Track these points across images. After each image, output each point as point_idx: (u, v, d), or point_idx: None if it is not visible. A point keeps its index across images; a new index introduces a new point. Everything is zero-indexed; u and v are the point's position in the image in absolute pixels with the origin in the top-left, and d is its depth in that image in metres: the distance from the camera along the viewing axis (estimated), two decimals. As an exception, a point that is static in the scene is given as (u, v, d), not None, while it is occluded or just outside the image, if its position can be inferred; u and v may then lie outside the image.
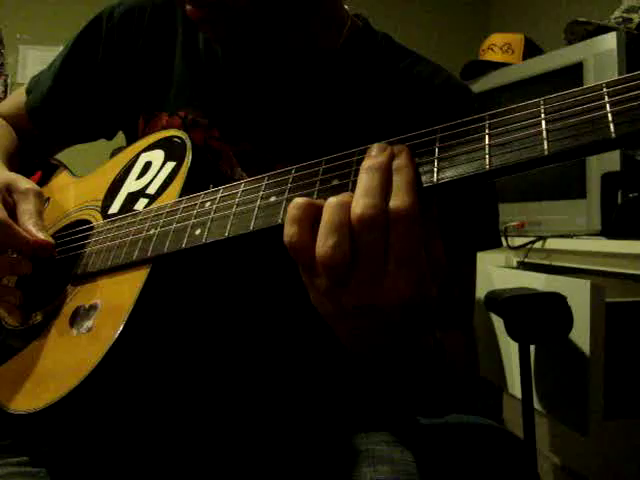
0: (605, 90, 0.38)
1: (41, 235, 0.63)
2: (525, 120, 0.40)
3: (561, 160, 0.38)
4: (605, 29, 1.57)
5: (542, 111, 0.40)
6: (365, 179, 0.42)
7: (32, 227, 0.63)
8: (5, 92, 2.72)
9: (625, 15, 1.62)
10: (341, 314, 0.44)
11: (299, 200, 0.43)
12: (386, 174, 0.42)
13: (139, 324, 0.55)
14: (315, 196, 0.46)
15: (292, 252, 0.43)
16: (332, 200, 0.42)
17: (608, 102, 0.37)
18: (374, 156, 0.43)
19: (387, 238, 0.41)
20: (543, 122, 0.39)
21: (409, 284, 0.41)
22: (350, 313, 0.43)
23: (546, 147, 0.38)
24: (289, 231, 0.43)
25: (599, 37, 1.48)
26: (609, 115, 0.37)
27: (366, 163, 0.43)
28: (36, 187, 0.68)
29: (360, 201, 0.41)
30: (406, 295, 0.41)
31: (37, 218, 0.65)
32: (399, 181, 0.41)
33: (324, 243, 0.41)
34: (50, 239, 0.64)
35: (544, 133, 0.39)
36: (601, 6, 2.03)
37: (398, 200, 0.41)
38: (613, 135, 0.36)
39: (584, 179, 1.49)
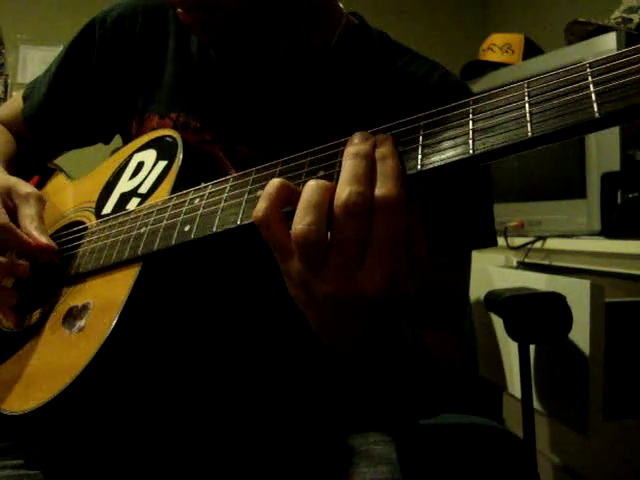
0: (589, 70, 0.38)
1: (44, 239, 0.63)
2: (509, 104, 0.40)
3: (545, 142, 0.38)
4: (605, 29, 1.57)
5: (526, 94, 0.40)
6: (351, 166, 0.41)
7: (34, 231, 0.63)
8: (5, 92, 2.72)
9: (625, 15, 1.62)
10: (313, 303, 0.43)
11: (276, 179, 0.43)
12: (371, 162, 0.41)
13: (130, 322, 0.55)
14: (302, 187, 0.46)
15: (259, 228, 0.42)
16: (312, 182, 0.42)
17: (592, 82, 0.37)
18: (357, 143, 0.42)
19: (369, 227, 0.40)
20: (527, 105, 0.39)
21: (386, 277, 0.40)
22: (322, 303, 0.42)
23: (529, 129, 0.38)
24: (258, 206, 0.42)
25: (599, 37, 1.48)
26: (592, 95, 0.37)
27: (350, 150, 0.42)
28: (37, 191, 0.68)
29: (346, 188, 0.40)
30: (382, 288, 0.40)
31: (39, 222, 0.65)
32: (384, 169, 0.41)
33: (300, 220, 0.40)
34: (52, 243, 0.64)
35: (527, 116, 0.39)
36: (601, 6, 2.03)
37: (384, 188, 0.40)
38: (597, 115, 0.36)
39: (584, 179, 1.49)
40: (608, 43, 1.44)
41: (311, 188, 0.41)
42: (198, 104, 0.72)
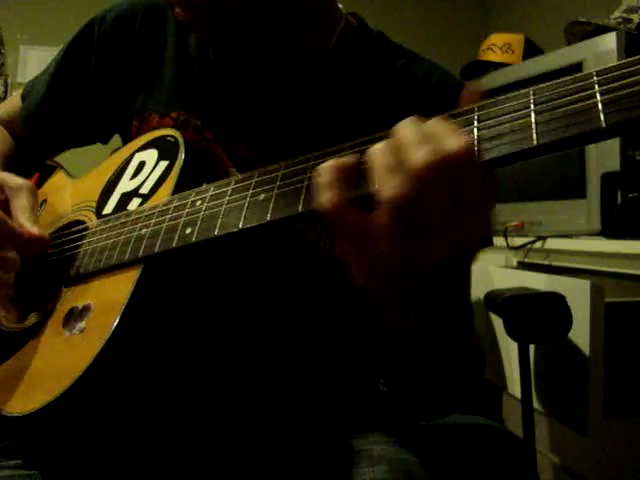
0: (595, 79, 0.37)
1: (35, 230, 0.63)
2: (514, 112, 0.40)
3: (551, 151, 0.38)
4: (605, 29, 1.56)
5: (532, 101, 0.40)
6: (410, 130, 0.39)
7: (26, 222, 0.63)
8: (5, 92, 2.72)
9: (625, 15, 1.62)
10: (414, 278, 0.40)
11: (326, 164, 0.40)
12: (423, 129, 0.40)
13: (131, 324, 0.55)
14: (304, 191, 0.46)
15: (330, 221, 0.40)
16: (377, 146, 0.40)
17: (598, 91, 0.37)
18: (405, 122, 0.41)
19: (458, 183, 0.38)
20: (532, 113, 0.39)
21: (485, 223, 0.39)
22: (428, 271, 0.40)
23: (535, 138, 0.38)
24: (323, 199, 0.39)
25: (599, 37, 1.48)
26: (599, 104, 0.36)
27: (402, 125, 0.40)
28: (28, 183, 0.68)
29: (417, 150, 0.38)
30: (484, 232, 0.39)
31: (30, 213, 0.64)
32: (444, 130, 0.39)
33: (388, 184, 0.38)
34: (44, 233, 0.64)
35: (533, 124, 0.38)
36: (601, 6, 2.02)
37: (456, 143, 0.38)
38: (603, 125, 0.36)
39: (584, 179, 1.48)
40: (608, 43, 1.44)
41: (381, 152, 0.39)
42: (198, 103, 0.72)
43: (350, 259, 0.41)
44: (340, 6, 0.76)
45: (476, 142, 0.40)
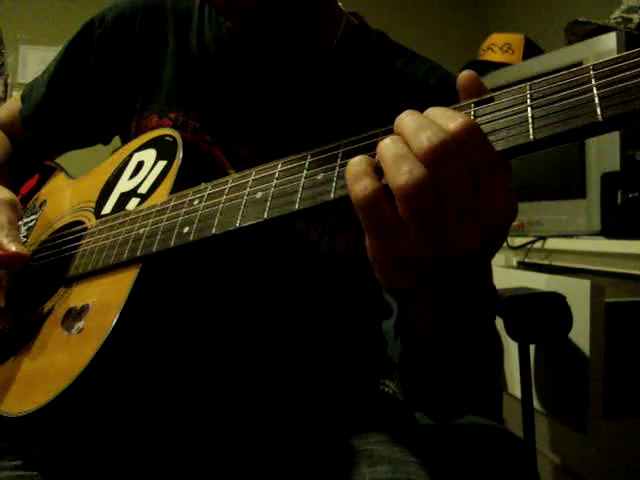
0: (592, 73, 0.37)
1: (13, 247, 0.63)
2: (511, 107, 0.40)
3: (548, 146, 0.38)
4: (605, 29, 1.56)
5: (528, 96, 0.39)
6: (410, 119, 0.40)
7: (3, 239, 0.63)
8: (5, 92, 2.72)
9: (625, 15, 1.62)
10: (445, 269, 0.40)
11: (357, 157, 0.41)
12: (423, 116, 0.40)
13: (130, 324, 0.55)
14: (301, 189, 0.46)
15: (368, 209, 0.39)
16: (385, 140, 0.40)
17: (595, 85, 0.37)
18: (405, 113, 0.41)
19: (468, 159, 0.38)
20: (529, 108, 0.39)
21: (508, 197, 0.39)
22: (460, 259, 0.39)
23: (531, 133, 0.38)
24: (359, 187, 0.39)
25: (599, 37, 1.48)
26: (596, 98, 0.36)
27: (400, 117, 0.41)
28: (9, 197, 0.67)
29: (420, 135, 0.38)
30: (511, 207, 0.39)
31: (9, 229, 0.64)
32: (442, 113, 0.39)
33: (398, 172, 0.38)
34: (23, 249, 0.63)
35: (530, 119, 0.38)
36: (601, 6, 2.02)
37: (456, 120, 0.38)
38: (600, 119, 0.36)
39: (584, 179, 1.48)
40: (608, 43, 1.44)
41: (386, 145, 0.40)
42: (197, 104, 0.72)
43: (378, 255, 0.41)
44: (340, 5, 0.76)
45: None
